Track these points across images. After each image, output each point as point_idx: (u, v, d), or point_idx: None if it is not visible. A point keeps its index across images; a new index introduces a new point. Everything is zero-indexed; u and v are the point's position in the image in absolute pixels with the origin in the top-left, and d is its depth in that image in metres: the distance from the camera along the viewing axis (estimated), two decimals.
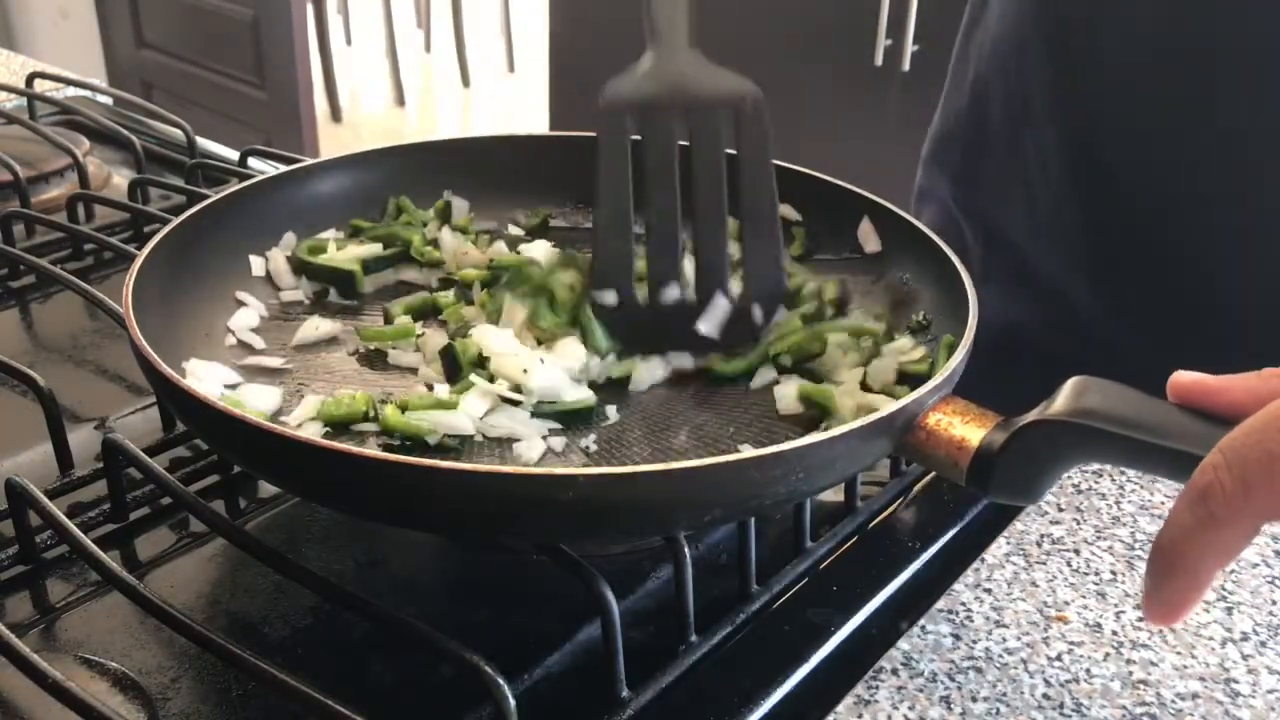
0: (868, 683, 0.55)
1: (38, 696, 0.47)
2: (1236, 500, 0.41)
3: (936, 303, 0.68)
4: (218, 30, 3.21)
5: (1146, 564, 0.45)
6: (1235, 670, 0.56)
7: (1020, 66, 0.81)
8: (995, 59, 0.84)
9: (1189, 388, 0.47)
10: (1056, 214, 0.82)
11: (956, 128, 0.90)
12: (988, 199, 0.88)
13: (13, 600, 0.58)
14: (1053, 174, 0.80)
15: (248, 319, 0.71)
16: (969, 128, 0.89)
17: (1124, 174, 0.78)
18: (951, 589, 0.61)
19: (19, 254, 0.85)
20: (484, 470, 0.48)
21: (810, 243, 0.78)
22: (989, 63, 0.85)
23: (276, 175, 0.77)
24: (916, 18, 2.12)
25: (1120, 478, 0.70)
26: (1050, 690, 0.55)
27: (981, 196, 0.89)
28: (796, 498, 0.59)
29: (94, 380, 0.79)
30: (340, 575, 0.60)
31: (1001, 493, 0.51)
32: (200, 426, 0.56)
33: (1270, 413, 0.41)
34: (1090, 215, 0.80)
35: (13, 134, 1.06)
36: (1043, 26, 0.79)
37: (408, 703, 0.53)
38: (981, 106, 0.86)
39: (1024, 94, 0.81)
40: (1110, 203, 0.79)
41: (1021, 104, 0.82)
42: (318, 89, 3.62)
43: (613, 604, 0.50)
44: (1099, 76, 0.77)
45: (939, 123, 0.95)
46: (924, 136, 0.98)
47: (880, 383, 0.65)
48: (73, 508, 0.63)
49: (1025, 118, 0.82)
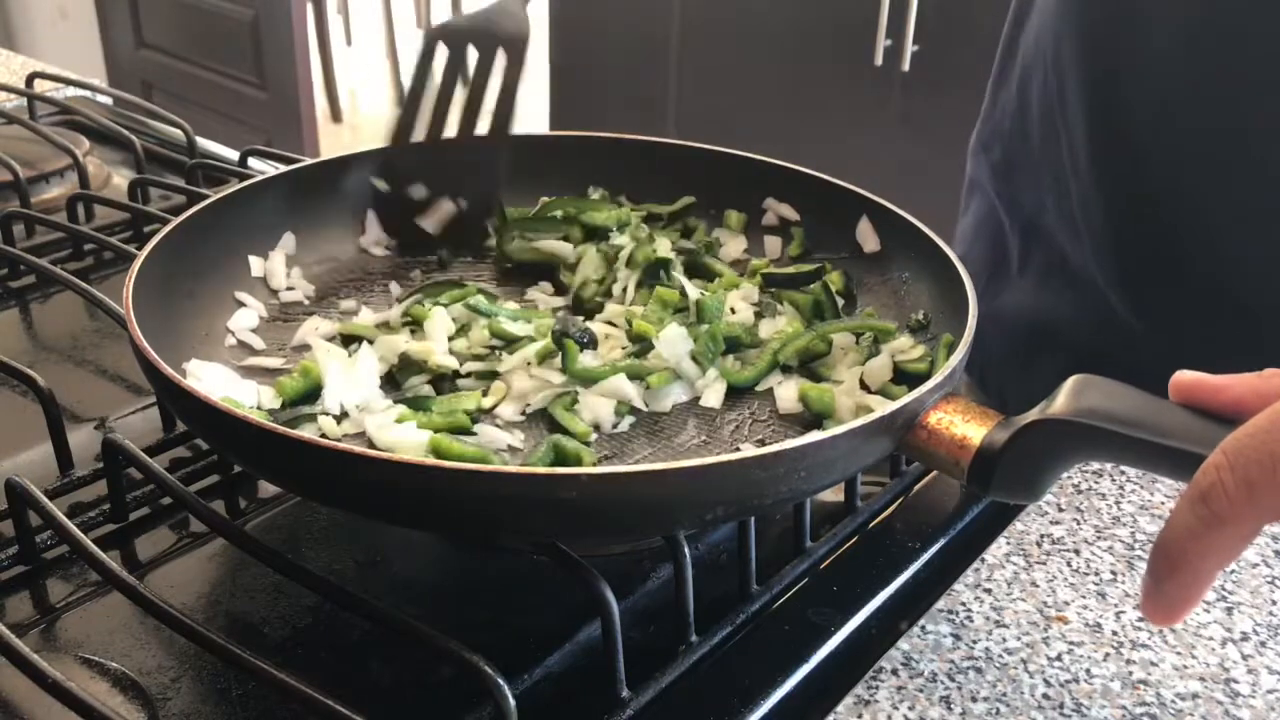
0: (868, 683, 0.55)
1: (38, 696, 0.47)
2: (1239, 500, 0.41)
3: (935, 302, 0.68)
4: (218, 30, 3.21)
5: (1148, 563, 0.45)
6: (1235, 670, 0.56)
7: (1057, 59, 0.82)
8: (1037, 51, 0.84)
9: (1190, 386, 0.47)
10: (1086, 209, 0.82)
11: (1002, 118, 0.91)
12: (1025, 190, 0.89)
13: (13, 600, 0.58)
14: (1083, 170, 0.81)
15: (247, 319, 0.71)
16: (1012, 118, 0.89)
17: (1152, 170, 0.78)
18: (951, 589, 0.61)
19: (19, 254, 0.85)
20: (486, 470, 0.48)
21: (809, 242, 0.79)
22: (1032, 54, 0.85)
23: (276, 175, 0.77)
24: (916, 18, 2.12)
25: (1120, 478, 0.70)
26: (1050, 690, 0.55)
27: (1020, 187, 0.89)
28: (798, 497, 0.59)
29: (94, 380, 0.79)
30: (340, 575, 0.60)
31: (1003, 491, 0.51)
32: (200, 427, 0.56)
33: (1274, 413, 0.41)
34: (1116, 210, 0.80)
35: (13, 134, 1.06)
36: (1078, 21, 0.80)
37: (408, 703, 0.53)
38: (1024, 97, 0.87)
39: (1059, 87, 0.82)
40: (1137, 198, 0.79)
41: (1057, 96, 0.82)
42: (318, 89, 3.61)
43: (613, 604, 0.50)
44: (1130, 72, 0.77)
45: (985, 112, 0.95)
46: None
47: (877, 382, 0.65)
48: (73, 508, 0.63)
49: (1060, 114, 0.82)
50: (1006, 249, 0.91)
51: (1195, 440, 0.45)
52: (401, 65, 4.72)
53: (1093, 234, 0.82)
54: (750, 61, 2.28)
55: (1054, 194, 0.85)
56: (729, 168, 0.81)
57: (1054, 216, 0.86)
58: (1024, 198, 0.89)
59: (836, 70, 2.28)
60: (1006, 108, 0.90)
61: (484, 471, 0.48)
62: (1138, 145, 0.78)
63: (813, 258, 0.78)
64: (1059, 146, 0.83)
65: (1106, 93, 0.78)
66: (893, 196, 0.74)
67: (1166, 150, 0.77)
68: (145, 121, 1.19)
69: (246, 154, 1.02)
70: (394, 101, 1.01)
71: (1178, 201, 0.77)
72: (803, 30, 2.30)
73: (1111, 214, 0.81)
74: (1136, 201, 0.80)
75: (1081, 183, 0.81)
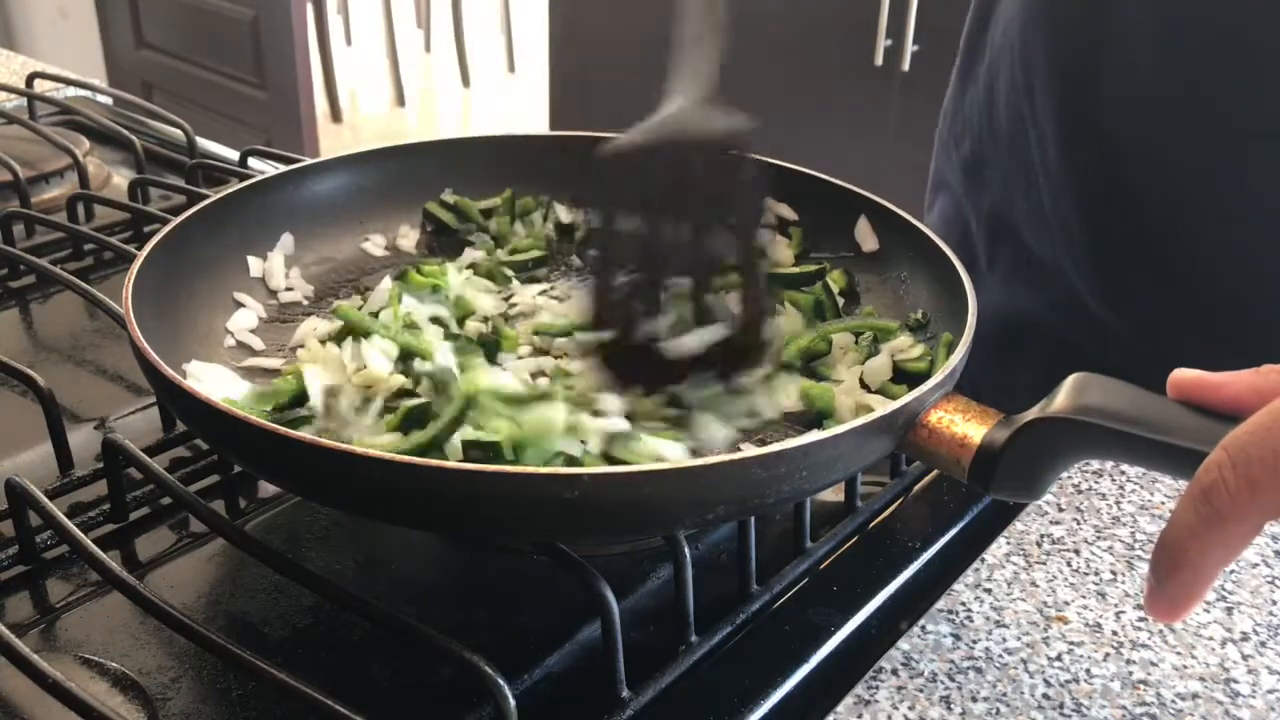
0: (868, 683, 0.55)
1: (38, 696, 0.47)
2: (1242, 498, 0.41)
3: (934, 301, 0.68)
4: (218, 30, 3.21)
5: (1150, 562, 0.45)
6: (1235, 670, 0.56)
7: (1025, 53, 0.81)
8: (1004, 45, 0.84)
9: (1189, 384, 0.47)
10: (1056, 202, 0.82)
11: (970, 113, 0.91)
12: (993, 186, 0.88)
13: (13, 600, 0.58)
14: (1052, 162, 0.81)
15: (246, 320, 0.71)
16: (980, 114, 0.89)
17: (1123, 161, 0.78)
18: (951, 589, 0.61)
19: (19, 254, 0.85)
20: (488, 470, 0.48)
21: (808, 242, 0.79)
22: (999, 50, 0.85)
23: (276, 175, 0.77)
24: (916, 18, 2.12)
25: (1120, 478, 0.70)
26: (1050, 690, 0.55)
27: (988, 183, 0.89)
28: (799, 496, 0.59)
29: (94, 380, 0.79)
30: (340, 575, 0.60)
31: (1003, 490, 0.51)
32: (200, 427, 0.56)
33: (1274, 410, 0.41)
34: (1087, 203, 0.80)
35: (13, 134, 1.06)
36: (1046, 16, 0.80)
37: (408, 703, 0.53)
38: (992, 93, 0.87)
39: (1027, 82, 0.81)
40: (1108, 190, 0.79)
41: (1025, 89, 0.82)
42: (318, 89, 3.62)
43: (613, 604, 0.50)
44: (1101, 62, 0.77)
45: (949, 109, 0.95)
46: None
47: (877, 381, 0.65)
48: (73, 508, 0.63)
49: (1028, 105, 0.82)
50: (973, 247, 0.91)
51: (1196, 438, 0.45)
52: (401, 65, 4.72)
53: (1064, 227, 0.82)
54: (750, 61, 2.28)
55: (1022, 189, 0.85)
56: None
57: (1023, 212, 0.85)
58: (992, 194, 0.89)
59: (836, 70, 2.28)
60: (973, 104, 0.90)
61: (484, 471, 0.48)
62: (1109, 136, 0.78)
63: (811, 257, 0.78)
64: (1027, 141, 0.83)
65: (1077, 83, 0.78)
66: (892, 196, 0.74)
67: (1138, 140, 0.77)
68: (145, 121, 1.19)
69: (246, 154, 1.02)
70: None
71: (1149, 192, 0.77)
72: (802, 30, 2.30)
73: (1083, 207, 0.80)
74: (1108, 193, 0.79)
75: (1052, 176, 0.81)
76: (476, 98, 4.86)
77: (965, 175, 0.92)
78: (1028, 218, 0.85)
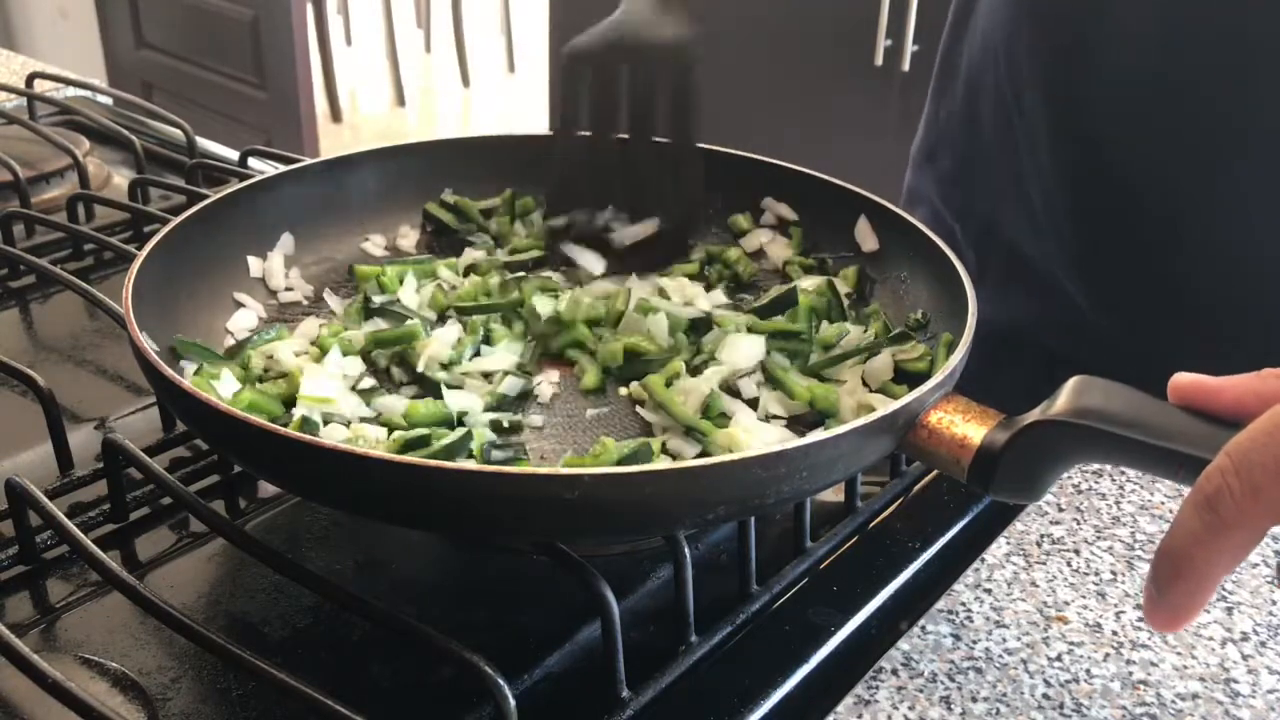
0: (868, 683, 0.55)
1: (38, 696, 0.47)
2: (1246, 505, 0.41)
3: (934, 301, 0.68)
4: (218, 30, 3.21)
5: (1150, 569, 0.45)
6: (1235, 670, 0.56)
7: (1010, 58, 0.81)
8: (986, 53, 0.84)
9: (1189, 389, 0.47)
10: (1048, 207, 0.82)
11: (948, 127, 0.90)
12: (981, 196, 0.88)
13: (13, 600, 0.58)
14: (1044, 166, 0.80)
15: (246, 320, 0.71)
16: (961, 125, 0.89)
17: (1115, 165, 0.78)
18: (951, 589, 0.61)
19: (19, 254, 0.85)
20: (488, 470, 0.48)
21: (808, 241, 0.79)
22: (980, 58, 0.85)
23: (276, 175, 0.77)
24: (916, 18, 2.12)
25: (1120, 478, 0.70)
26: (1050, 690, 0.55)
27: (974, 193, 0.89)
28: (799, 496, 0.59)
29: (94, 380, 0.79)
30: (340, 575, 0.60)
31: (1003, 491, 0.51)
32: (200, 427, 0.56)
33: (1276, 415, 0.41)
34: (1081, 207, 0.80)
35: (13, 134, 1.06)
36: (1033, 16, 0.79)
37: (408, 703, 0.53)
38: (973, 103, 0.86)
39: (1014, 86, 0.81)
40: (1101, 194, 0.79)
41: (1012, 96, 0.82)
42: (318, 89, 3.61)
43: (613, 604, 0.50)
44: (1089, 66, 0.76)
45: (926, 124, 0.95)
46: None
47: (878, 381, 0.65)
48: (73, 508, 0.63)
49: (1016, 109, 0.82)
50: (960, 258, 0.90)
51: (1196, 443, 0.45)
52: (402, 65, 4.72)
53: (1057, 233, 0.82)
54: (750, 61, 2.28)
55: (1012, 198, 0.84)
56: (728, 167, 0.81)
57: (1013, 220, 0.85)
58: (978, 205, 0.89)
59: (836, 70, 2.28)
60: (950, 119, 0.90)
61: (484, 472, 0.48)
62: (1104, 139, 0.77)
63: (810, 257, 0.78)
64: (1018, 149, 0.83)
65: (1069, 86, 0.78)
66: (892, 196, 0.74)
67: (1135, 142, 0.76)
68: (145, 121, 1.19)
69: (246, 154, 1.02)
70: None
71: (1147, 193, 0.77)
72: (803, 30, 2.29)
73: (1077, 211, 0.80)
74: (1103, 195, 0.79)
75: (1044, 181, 0.81)
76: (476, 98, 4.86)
77: (946, 187, 0.91)
78: (1019, 226, 0.85)
